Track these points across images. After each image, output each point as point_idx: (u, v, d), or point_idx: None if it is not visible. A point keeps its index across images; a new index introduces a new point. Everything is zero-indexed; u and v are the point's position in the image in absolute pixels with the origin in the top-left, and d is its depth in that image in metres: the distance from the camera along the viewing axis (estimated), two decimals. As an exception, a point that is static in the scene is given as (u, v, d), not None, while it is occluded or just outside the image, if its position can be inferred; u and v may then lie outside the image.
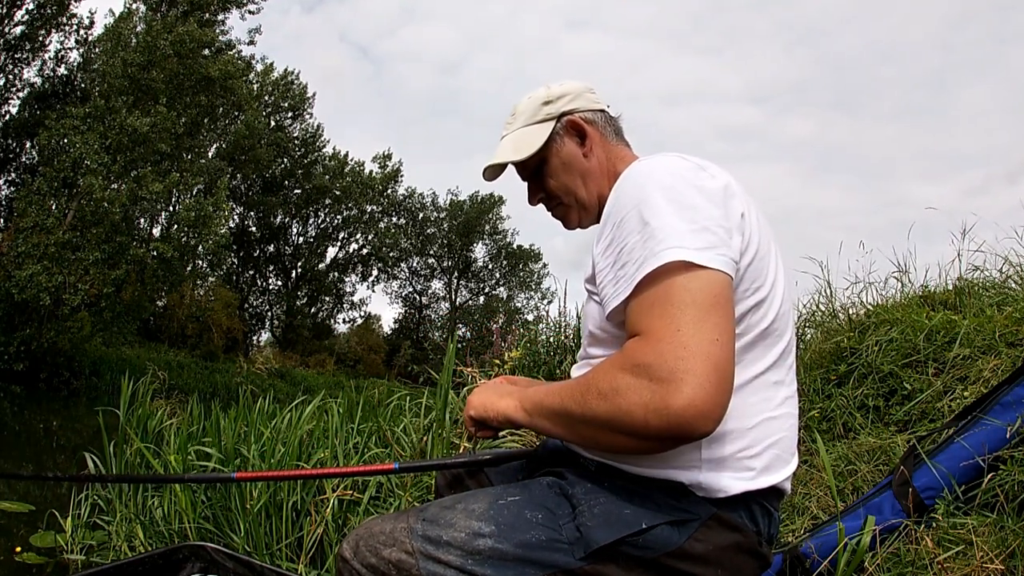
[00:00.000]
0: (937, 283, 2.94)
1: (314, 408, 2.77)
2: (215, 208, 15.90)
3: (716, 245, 0.74)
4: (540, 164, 1.04)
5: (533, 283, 36.40)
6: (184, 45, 14.90)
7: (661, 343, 0.69)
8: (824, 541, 1.43)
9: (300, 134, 30.16)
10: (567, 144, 1.02)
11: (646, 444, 0.72)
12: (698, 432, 0.68)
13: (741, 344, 0.81)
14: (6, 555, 2.46)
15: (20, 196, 13.88)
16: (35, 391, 12.73)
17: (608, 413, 0.72)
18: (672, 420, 0.67)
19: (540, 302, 34.17)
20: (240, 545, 2.23)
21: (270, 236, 30.86)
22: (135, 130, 13.78)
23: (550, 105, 1.03)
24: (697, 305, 0.70)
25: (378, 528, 0.84)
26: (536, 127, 1.03)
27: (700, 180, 0.80)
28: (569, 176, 1.02)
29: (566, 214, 1.06)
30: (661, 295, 0.72)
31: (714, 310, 0.71)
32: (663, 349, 0.68)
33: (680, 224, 0.75)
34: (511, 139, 1.04)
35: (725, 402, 0.69)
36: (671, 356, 0.68)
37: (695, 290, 0.71)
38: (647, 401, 0.68)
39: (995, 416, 1.48)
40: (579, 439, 0.82)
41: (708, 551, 0.78)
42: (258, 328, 31.06)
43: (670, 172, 0.81)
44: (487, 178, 1.09)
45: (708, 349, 0.68)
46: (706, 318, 0.70)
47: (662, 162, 0.83)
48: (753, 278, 0.81)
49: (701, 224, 0.75)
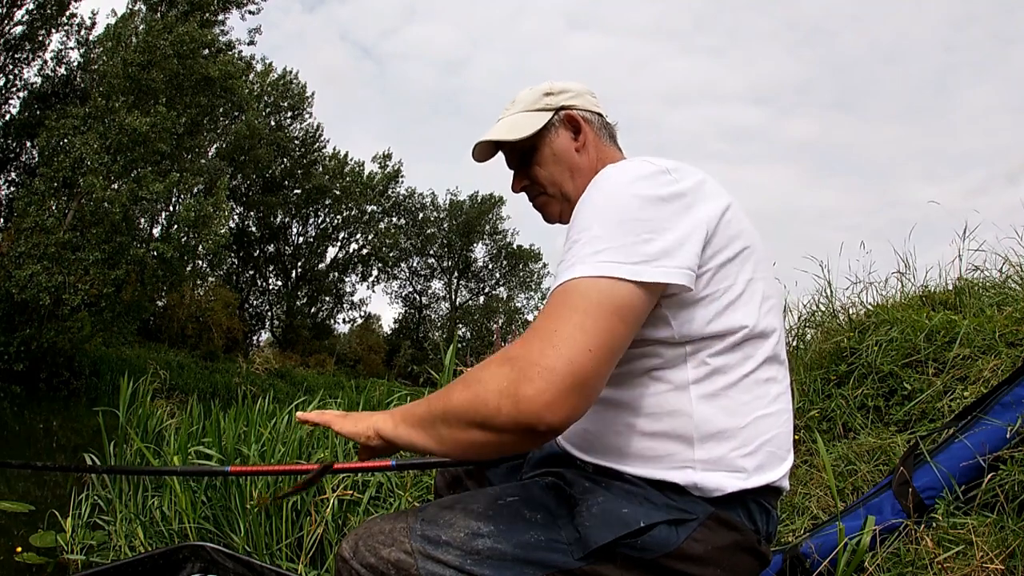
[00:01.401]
0: (937, 283, 2.94)
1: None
2: (215, 208, 15.92)
3: (652, 257, 0.74)
4: (531, 151, 1.03)
5: (533, 283, 36.47)
6: (184, 45, 14.91)
7: (534, 340, 0.70)
8: (824, 541, 1.43)
9: (300, 134, 30.19)
10: (561, 136, 1.02)
11: (500, 437, 0.70)
12: (544, 423, 0.67)
13: (724, 345, 0.81)
14: (6, 555, 2.46)
15: (20, 196, 13.90)
16: (35, 391, 12.74)
17: (467, 401, 0.72)
18: (521, 407, 0.67)
19: (540, 302, 34.20)
20: (240, 545, 2.23)
21: (270, 236, 30.88)
22: (135, 130, 13.79)
23: (551, 97, 1.03)
24: (585, 312, 0.70)
25: (377, 528, 0.84)
26: (534, 114, 1.03)
27: (654, 188, 0.79)
28: (558, 168, 1.02)
29: (547, 205, 1.05)
30: (559, 298, 0.73)
31: (602, 320, 0.70)
32: (533, 345, 0.70)
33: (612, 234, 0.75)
34: (507, 121, 1.04)
35: (576, 407, 0.68)
36: (537, 351, 0.69)
37: (591, 298, 0.71)
38: (503, 388, 0.69)
39: (995, 416, 1.48)
40: (437, 441, 0.77)
41: (706, 551, 0.78)
42: (258, 328, 31.11)
43: (622, 179, 0.80)
44: (477, 157, 1.08)
45: (574, 355, 0.68)
46: (588, 326, 0.70)
47: (620, 168, 0.83)
48: (721, 280, 0.80)
49: (639, 236, 0.74)
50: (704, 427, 0.80)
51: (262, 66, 27.65)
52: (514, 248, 36.32)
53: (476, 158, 1.08)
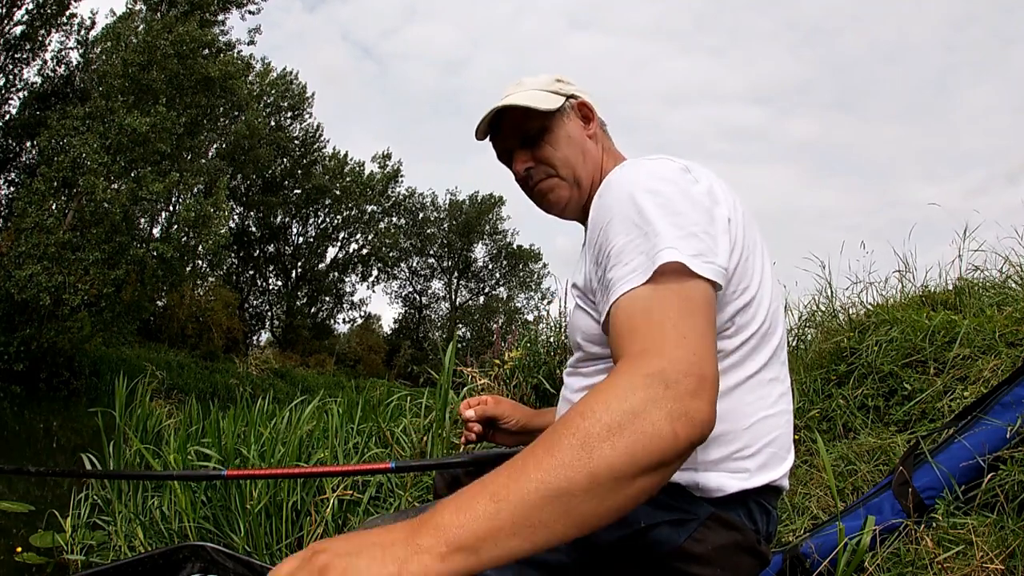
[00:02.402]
0: (937, 283, 2.95)
1: (314, 408, 2.76)
2: (215, 208, 15.91)
3: (703, 252, 0.73)
4: (541, 131, 0.99)
5: (533, 283, 36.47)
6: (184, 45, 14.91)
7: (670, 350, 0.62)
8: (824, 541, 1.43)
9: (300, 134, 30.19)
10: (574, 120, 1.01)
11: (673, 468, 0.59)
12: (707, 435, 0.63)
13: (734, 345, 0.81)
14: (6, 555, 2.46)
15: (20, 196, 13.89)
16: (35, 391, 12.74)
17: (629, 447, 0.55)
18: (697, 422, 0.59)
19: (540, 302, 34.19)
20: (240, 545, 2.23)
21: (270, 236, 30.88)
22: (135, 130, 13.79)
23: (561, 84, 1.02)
24: (697, 313, 0.68)
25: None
26: (548, 94, 1.00)
27: (686, 184, 0.79)
28: (572, 150, 0.99)
29: (556, 188, 0.99)
30: (661, 302, 0.67)
31: (709, 324, 0.69)
32: (675, 355, 0.62)
33: (670, 229, 0.73)
34: (524, 95, 0.99)
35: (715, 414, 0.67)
36: (684, 361, 0.61)
37: (694, 298, 0.69)
38: (671, 409, 0.57)
39: (995, 416, 1.48)
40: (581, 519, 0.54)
41: (707, 551, 0.78)
42: (258, 328, 31.11)
43: (658, 176, 0.80)
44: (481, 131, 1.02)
45: (712, 357, 0.65)
46: (707, 328, 0.68)
47: (649, 166, 0.82)
48: (740, 279, 0.81)
49: (688, 230, 0.74)
50: None
51: (261, 66, 27.67)
52: (514, 248, 36.33)
53: (480, 131, 1.03)
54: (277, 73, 29.11)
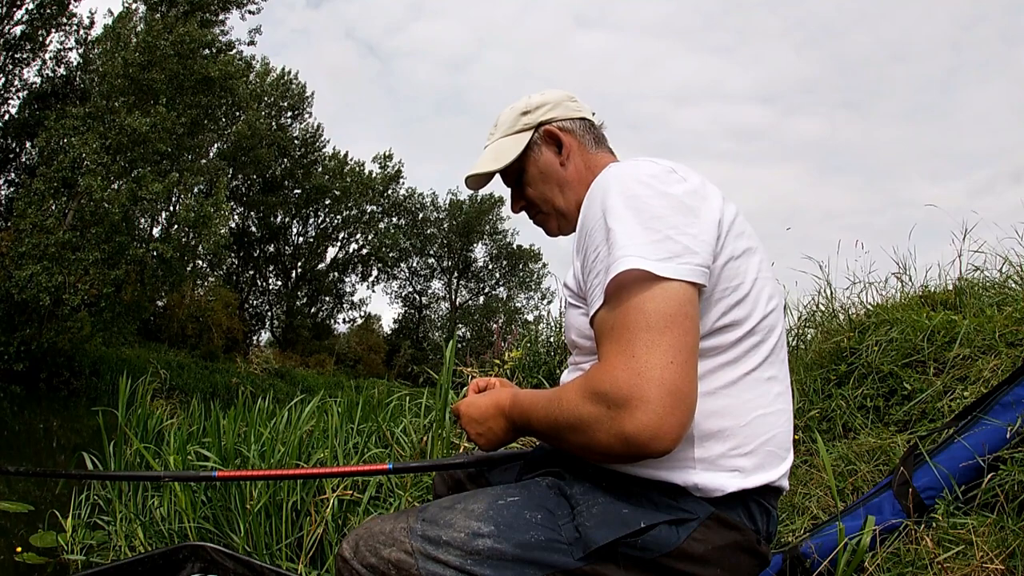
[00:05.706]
0: (937, 283, 2.94)
1: (313, 408, 2.76)
2: (215, 208, 15.91)
3: (679, 254, 0.75)
4: (520, 173, 1.07)
5: (533, 283, 36.45)
6: (184, 45, 14.90)
7: (615, 370, 0.71)
8: (824, 541, 1.43)
9: (300, 134, 30.18)
10: (544, 153, 1.04)
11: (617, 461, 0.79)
12: (655, 452, 0.70)
13: (729, 341, 0.82)
14: (6, 555, 2.46)
15: (20, 196, 13.89)
16: (35, 391, 12.74)
17: (583, 445, 0.76)
18: (630, 443, 0.70)
19: (540, 302, 34.23)
20: (240, 545, 2.23)
21: (270, 236, 30.86)
22: (135, 130, 13.79)
23: (528, 115, 1.05)
24: (651, 328, 0.71)
25: (378, 528, 0.84)
26: (514, 137, 1.05)
27: (667, 186, 0.80)
28: (547, 185, 1.05)
29: (545, 222, 1.08)
30: (619, 317, 0.74)
31: (669, 329, 0.71)
32: (618, 376, 0.71)
33: (640, 233, 0.75)
34: (492, 149, 1.07)
35: (682, 420, 0.70)
36: (625, 384, 0.70)
37: (650, 311, 0.72)
38: (608, 428, 0.72)
39: (995, 416, 1.48)
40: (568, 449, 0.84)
41: (707, 551, 0.78)
42: (258, 328, 31.09)
43: (635, 179, 0.81)
44: (470, 187, 1.11)
45: (661, 374, 0.69)
46: (660, 340, 0.71)
47: (628, 169, 0.83)
48: (731, 277, 0.82)
49: (663, 233, 0.75)
50: (704, 425, 0.80)
51: (261, 66, 27.65)
52: (514, 248, 36.30)
53: (470, 187, 1.11)
54: (277, 73, 29.11)
